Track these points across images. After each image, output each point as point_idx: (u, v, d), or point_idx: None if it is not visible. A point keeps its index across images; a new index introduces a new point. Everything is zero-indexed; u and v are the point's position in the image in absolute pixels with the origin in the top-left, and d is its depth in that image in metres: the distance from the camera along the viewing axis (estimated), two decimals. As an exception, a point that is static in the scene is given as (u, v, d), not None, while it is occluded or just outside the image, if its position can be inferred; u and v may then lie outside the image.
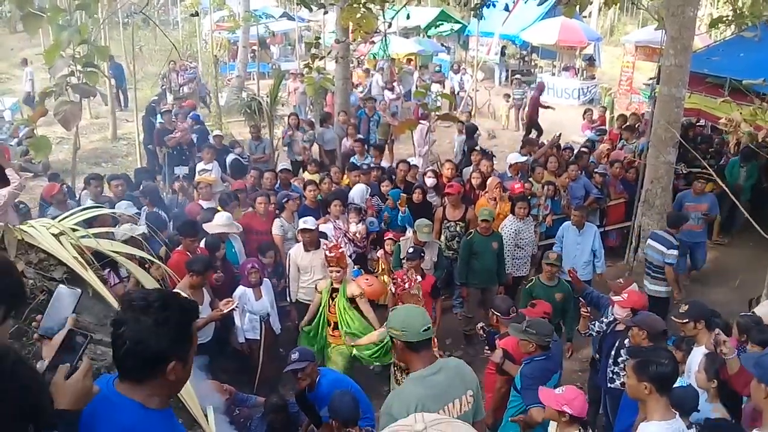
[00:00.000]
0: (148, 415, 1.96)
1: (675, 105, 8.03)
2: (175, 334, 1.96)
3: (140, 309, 1.93)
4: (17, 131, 13.87)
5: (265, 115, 13.45)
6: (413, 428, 1.32)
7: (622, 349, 5.40)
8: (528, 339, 4.78)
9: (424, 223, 7.31)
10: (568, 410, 3.81)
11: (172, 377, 1.98)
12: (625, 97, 19.83)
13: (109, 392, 1.96)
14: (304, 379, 4.87)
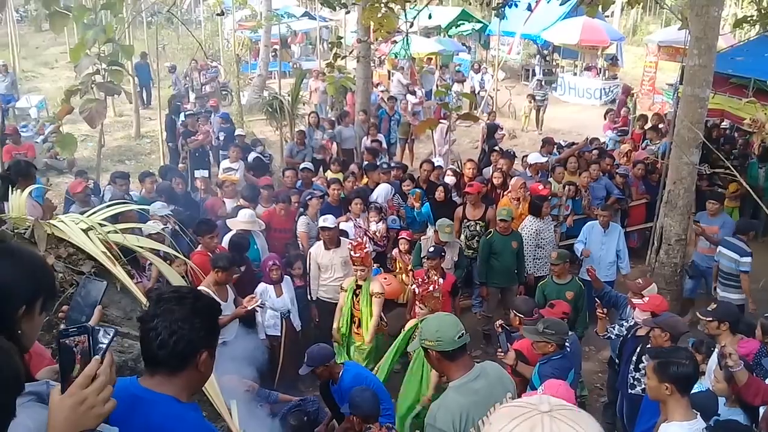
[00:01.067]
0: (184, 407, 2.02)
1: (699, 105, 7.94)
2: (207, 326, 2.03)
3: (175, 301, 2.00)
4: (43, 129, 14.09)
5: (286, 113, 13.55)
6: (538, 408, 1.27)
7: (643, 354, 5.33)
8: (547, 340, 4.76)
9: (445, 223, 7.32)
10: None
11: (202, 368, 2.04)
12: (648, 98, 19.65)
13: (137, 391, 1.99)
14: (322, 376, 4.92)
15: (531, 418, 1.26)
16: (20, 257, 1.78)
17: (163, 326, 1.96)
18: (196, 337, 1.99)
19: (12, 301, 1.66)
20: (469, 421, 3.00)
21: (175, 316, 1.97)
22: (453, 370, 3.17)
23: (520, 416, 1.27)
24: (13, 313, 1.66)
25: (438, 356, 3.16)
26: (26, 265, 1.76)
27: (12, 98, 16.67)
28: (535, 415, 1.26)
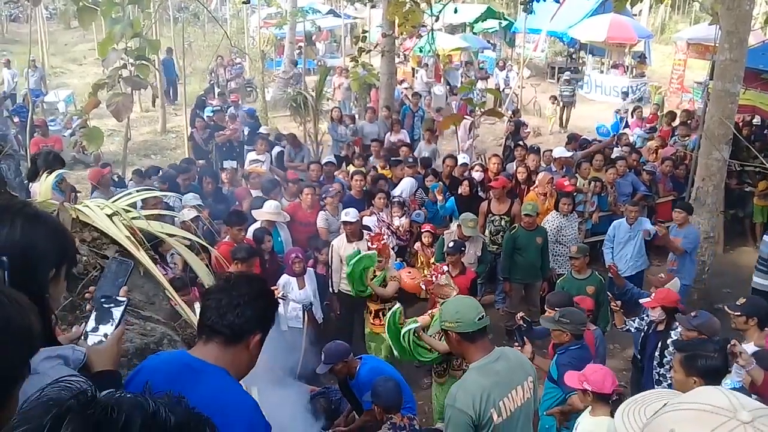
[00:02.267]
0: (234, 381, 2.13)
1: (729, 100, 7.79)
2: (267, 312, 2.22)
3: (245, 281, 2.20)
4: (70, 123, 14.27)
5: (311, 109, 13.58)
6: (737, 417, 1.00)
7: (666, 349, 5.27)
8: (562, 329, 4.71)
9: (469, 218, 7.27)
10: (588, 386, 3.75)
11: (252, 349, 2.17)
12: (676, 96, 19.36)
13: (190, 360, 2.11)
14: (340, 373, 4.91)
15: (726, 425, 1.00)
16: (48, 222, 1.83)
17: (228, 300, 2.12)
18: (255, 316, 2.14)
19: (44, 264, 1.71)
20: (489, 401, 2.98)
21: (242, 293, 2.13)
22: (473, 351, 3.15)
23: (719, 427, 1.01)
24: (45, 276, 1.71)
25: (458, 338, 3.14)
26: (54, 230, 1.81)
27: (40, 93, 16.90)
28: (736, 427, 1.00)
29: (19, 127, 12.95)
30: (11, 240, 1.67)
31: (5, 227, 1.69)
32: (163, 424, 0.88)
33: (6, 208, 1.77)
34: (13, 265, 1.62)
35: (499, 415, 3.01)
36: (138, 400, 0.90)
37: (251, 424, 2.04)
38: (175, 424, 0.90)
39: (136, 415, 0.86)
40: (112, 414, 0.86)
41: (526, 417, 3.20)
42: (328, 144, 13.66)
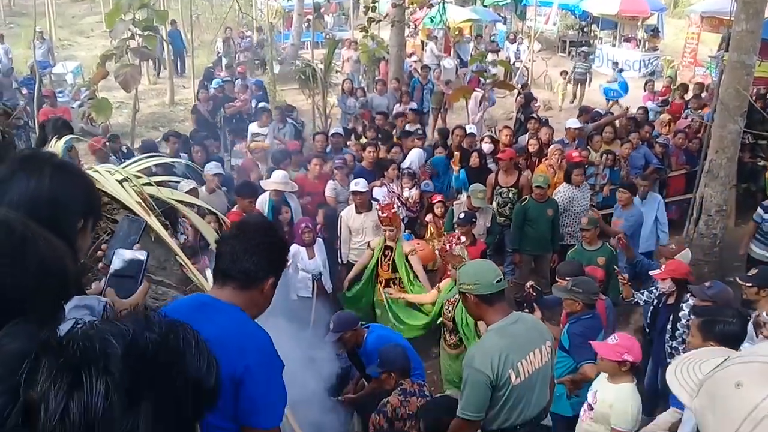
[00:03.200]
0: (249, 317, 2.22)
1: (745, 72, 7.67)
2: (278, 257, 2.30)
3: (255, 229, 2.28)
4: (78, 94, 14.23)
5: (319, 82, 13.48)
6: None
7: (678, 322, 5.24)
8: (574, 298, 4.69)
9: (479, 188, 7.23)
10: (629, 358, 3.74)
11: (268, 292, 2.26)
12: (689, 70, 19.09)
13: (206, 299, 2.25)
14: (348, 342, 4.92)
15: None
16: (76, 172, 1.86)
17: (241, 246, 2.21)
18: (268, 261, 2.23)
19: (72, 214, 1.72)
20: (507, 362, 2.98)
21: (254, 241, 2.22)
22: (491, 314, 3.16)
23: None
24: (73, 226, 1.72)
25: (476, 300, 3.14)
26: (82, 181, 1.83)
27: (48, 64, 16.87)
28: None
29: (28, 99, 12.93)
30: (40, 189, 1.68)
31: (34, 176, 1.69)
32: (145, 348, 0.85)
33: (34, 157, 1.79)
34: (42, 214, 1.62)
35: (517, 376, 3.02)
36: (110, 329, 0.86)
37: (264, 354, 2.12)
38: (154, 341, 0.86)
39: (113, 348, 0.83)
40: (89, 353, 0.82)
41: (544, 380, 3.22)
42: (336, 117, 13.59)
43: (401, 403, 4.08)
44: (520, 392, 3.04)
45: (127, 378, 0.80)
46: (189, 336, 0.91)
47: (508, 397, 3.01)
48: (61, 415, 0.76)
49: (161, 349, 0.86)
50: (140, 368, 0.82)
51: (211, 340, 2.02)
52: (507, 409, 3.03)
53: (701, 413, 1.01)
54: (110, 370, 0.80)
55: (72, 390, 0.77)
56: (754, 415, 0.91)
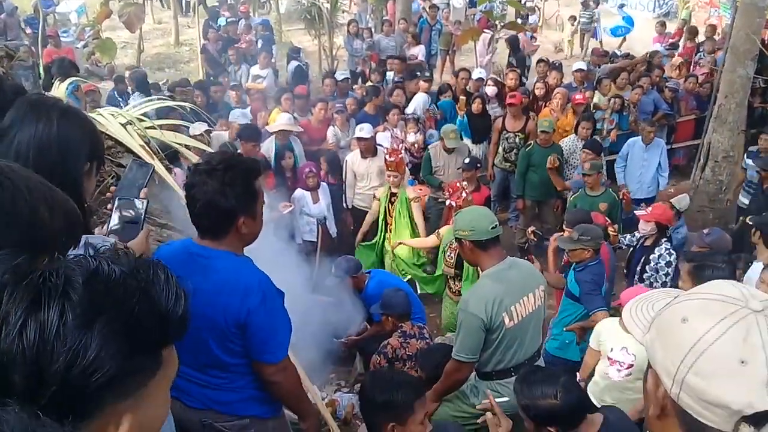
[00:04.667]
0: (240, 259, 2.24)
1: (757, 14, 7.50)
2: (240, 193, 2.15)
3: (206, 172, 2.13)
4: (83, 34, 14.07)
5: (325, 22, 13.26)
6: (748, 306, 0.99)
7: (647, 265, 5.34)
8: (584, 247, 4.71)
9: (450, 128, 7.18)
10: None
11: (244, 230, 2.21)
12: (704, 11, 18.62)
13: (195, 249, 2.24)
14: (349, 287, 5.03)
15: (744, 318, 0.98)
16: (81, 116, 1.89)
17: (198, 197, 2.14)
18: (229, 205, 2.14)
19: (79, 157, 1.77)
20: (501, 306, 3.06)
21: (207, 188, 2.14)
22: (486, 259, 3.22)
23: (729, 316, 0.99)
24: (80, 169, 1.77)
25: (471, 246, 3.21)
26: (87, 125, 1.87)
27: (52, 3, 16.60)
28: (748, 315, 0.98)
29: (32, 38, 12.81)
30: (48, 133, 1.73)
31: (41, 121, 1.74)
32: (107, 277, 0.88)
33: (40, 102, 1.83)
34: (49, 159, 1.71)
35: (511, 320, 3.10)
36: (77, 260, 0.90)
37: (263, 295, 2.19)
38: (121, 274, 0.89)
39: (76, 275, 0.86)
40: (52, 278, 0.86)
41: (537, 324, 3.30)
42: (343, 59, 13.41)
43: (401, 345, 4.20)
44: (514, 335, 3.13)
45: (85, 301, 0.84)
46: (159, 271, 0.94)
47: (501, 340, 3.10)
48: (19, 330, 0.81)
49: (125, 278, 0.89)
50: (100, 293, 0.86)
51: (209, 291, 2.13)
52: (500, 352, 3.13)
53: (651, 347, 1.09)
54: (67, 293, 0.84)
55: (30, 309, 0.83)
56: (698, 347, 0.98)
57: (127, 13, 10.27)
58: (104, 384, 0.84)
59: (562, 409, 2.38)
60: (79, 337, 0.82)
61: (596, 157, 6.85)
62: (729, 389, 0.95)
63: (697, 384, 0.98)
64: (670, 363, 1.02)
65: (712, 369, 0.97)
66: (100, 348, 0.83)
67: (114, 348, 0.84)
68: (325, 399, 4.57)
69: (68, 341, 0.82)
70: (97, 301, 0.85)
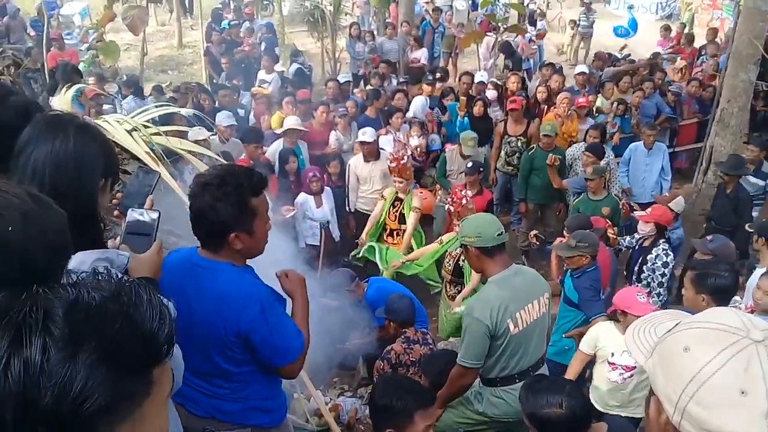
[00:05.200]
0: (239, 271, 2.24)
1: (760, 18, 7.51)
2: (230, 210, 2.13)
3: (202, 185, 2.15)
4: (86, 36, 14.10)
5: (328, 24, 13.29)
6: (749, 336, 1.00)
7: (644, 265, 5.39)
8: (582, 254, 4.71)
9: (469, 136, 7.18)
10: None
11: (237, 246, 2.19)
12: (707, 13, 18.62)
13: (197, 260, 2.25)
14: None
15: (745, 349, 0.99)
16: (98, 133, 1.91)
17: (194, 210, 2.20)
18: (218, 220, 2.14)
19: (95, 173, 1.79)
20: (506, 312, 3.08)
21: (199, 201, 2.15)
22: (491, 266, 3.24)
23: (730, 346, 1.00)
24: (95, 185, 1.80)
25: (477, 252, 3.22)
26: (103, 142, 1.89)
27: (56, 5, 16.66)
28: (749, 345, 0.99)
29: (36, 41, 12.85)
30: (65, 149, 1.75)
31: (58, 138, 1.76)
32: (87, 306, 0.88)
33: (57, 119, 1.84)
34: (66, 175, 1.73)
35: (516, 326, 3.12)
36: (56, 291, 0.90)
37: (263, 305, 2.20)
38: (102, 300, 0.89)
39: (56, 307, 0.86)
40: (31, 314, 0.86)
41: (541, 331, 3.32)
42: (346, 62, 13.43)
43: (405, 351, 4.22)
44: (518, 342, 3.15)
45: (66, 333, 0.84)
46: (142, 292, 0.94)
47: (506, 346, 3.12)
48: (3, 369, 0.82)
49: (106, 305, 0.89)
50: (80, 323, 0.86)
51: (208, 301, 2.15)
52: (505, 358, 3.15)
53: (653, 372, 1.10)
54: (48, 327, 0.85)
55: (12, 347, 0.83)
56: (699, 377, 1.00)
57: (131, 16, 10.29)
58: (96, 412, 0.84)
59: (567, 418, 2.39)
60: (64, 370, 0.83)
61: (597, 161, 6.82)
62: (730, 420, 0.97)
63: (699, 414, 0.99)
64: (671, 391, 1.04)
65: (713, 399, 0.99)
66: (87, 378, 0.83)
67: (100, 376, 0.84)
68: (329, 403, 4.60)
69: (54, 376, 0.82)
70: (78, 331, 0.85)
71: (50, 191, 1.58)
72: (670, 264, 5.31)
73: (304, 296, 2.43)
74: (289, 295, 2.38)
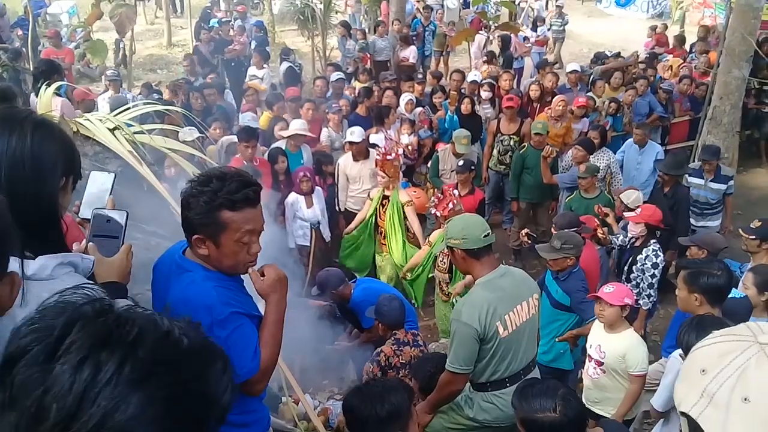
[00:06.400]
0: (203, 276, 2.12)
1: (752, 15, 7.48)
2: (199, 210, 2.05)
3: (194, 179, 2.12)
4: (74, 35, 13.97)
5: (319, 23, 13.20)
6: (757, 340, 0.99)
7: (634, 265, 5.34)
8: (567, 255, 4.64)
9: (462, 134, 7.12)
10: (628, 301, 3.81)
11: (201, 251, 2.10)
12: (698, 11, 18.65)
13: (177, 256, 2.20)
14: (335, 298, 4.97)
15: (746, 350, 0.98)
16: (56, 130, 1.80)
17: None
18: (186, 217, 2.08)
19: (54, 172, 1.70)
20: (495, 315, 3.00)
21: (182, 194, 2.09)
22: (478, 268, 3.15)
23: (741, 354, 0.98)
24: (55, 184, 1.70)
25: (463, 255, 3.14)
26: (62, 139, 1.79)
27: (43, 4, 16.51)
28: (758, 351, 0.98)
29: (23, 40, 12.70)
30: (22, 147, 1.65)
31: (14, 134, 1.66)
32: (175, 344, 0.88)
33: (12, 116, 1.74)
34: (24, 174, 1.63)
35: (505, 329, 3.04)
36: (153, 317, 0.90)
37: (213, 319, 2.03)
38: (188, 347, 0.89)
39: (149, 331, 0.86)
40: (125, 326, 0.86)
41: (531, 333, 3.25)
42: (337, 60, 13.34)
43: (394, 353, 4.14)
44: (508, 345, 3.07)
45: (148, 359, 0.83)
46: (219, 358, 0.95)
47: (496, 350, 3.04)
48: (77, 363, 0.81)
49: (191, 352, 0.89)
50: (163, 357, 0.86)
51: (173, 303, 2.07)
52: (495, 362, 3.07)
53: None
54: (135, 345, 0.84)
55: (94, 347, 0.82)
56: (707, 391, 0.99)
57: (118, 14, 10.16)
58: None
59: (561, 423, 2.33)
60: (127, 390, 0.81)
61: (587, 155, 6.77)
62: None
63: None
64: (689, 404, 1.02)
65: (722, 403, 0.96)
66: (142, 409, 0.81)
67: (152, 414, 0.82)
68: (318, 407, 4.51)
69: (116, 391, 0.81)
70: (158, 361, 0.85)
71: (7, 192, 1.49)
72: (660, 265, 5.27)
73: (280, 301, 2.20)
74: (262, 297, 2.21)
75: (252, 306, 2.23)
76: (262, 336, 2.16)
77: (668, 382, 3.13)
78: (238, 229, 2.05)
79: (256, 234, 2.13)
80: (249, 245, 2.11)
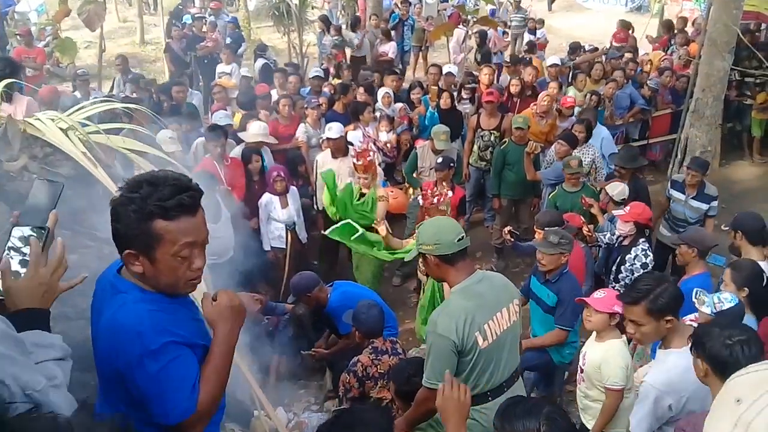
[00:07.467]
0: (144, 296, 1.86)
1: (734, 6, 7.36)
2: (128, 221, 1.77)
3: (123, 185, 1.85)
4: (43, 34, 13.56)
5: (294, 18, 12.94)
6: None
7: (623, 265, 5.20)
8: (563, 251, 4.48)
9: (441, 130, 6.91)
10: (618, 309, 3.61)
11: (135, 268, 1.83)
12: (676, 4, 18.59)
13: (112, 275, 1.92)
14: (309, 304, 4.77)
15: None
16: None
17: None
18: (115, 229, 1.81)
19: None
20: (473, 325, 2.77)
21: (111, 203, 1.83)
22: (453, 274, 2.92)
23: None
24: None
25: (437, 261, 2.91)
26: None
27: (12, 2, 16.06)
28: None
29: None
30: None
31: None
32: None
33: None
34: None
35: (485, 339, 2.81)
36: None
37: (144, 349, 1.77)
38: None
39: None
40: None
41: (513, 340, 3.02)
42: (314, 56, 13.11)
43: (372, 363, 3.92)
44: (489, 355, 2.85)
45: None
46: None
47: (476, 362, 2.81)
48: None
49: None
50: None
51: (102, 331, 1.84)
52: (476, 375, 2.83)
53: None
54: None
55: None
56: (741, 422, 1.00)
57: (87, 11, 9.86)
58: None
59: (546, 443, 2.12)
60: None
61: (570, 150, 6.63)
62: None
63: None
64: None
65: None
66: None
67: None
68: (293, 420, 4.30)
69: None
70: None
71: None
72: (650, 265, 5.09)
73: (230, 332, 1.92)
74: (209, 325, 1.94)
75: (199, 333, 1.96)
76: (204, 371, 1.86)
77: (645, 413, 2.92)
78: (174, 242, 1.79)
79: (199, 246, 1.86)
80: (190, 260, 1.84)
